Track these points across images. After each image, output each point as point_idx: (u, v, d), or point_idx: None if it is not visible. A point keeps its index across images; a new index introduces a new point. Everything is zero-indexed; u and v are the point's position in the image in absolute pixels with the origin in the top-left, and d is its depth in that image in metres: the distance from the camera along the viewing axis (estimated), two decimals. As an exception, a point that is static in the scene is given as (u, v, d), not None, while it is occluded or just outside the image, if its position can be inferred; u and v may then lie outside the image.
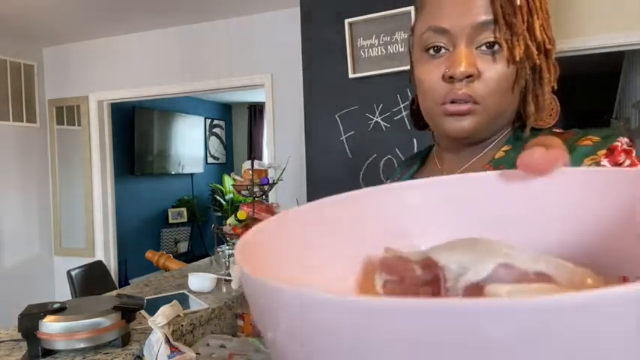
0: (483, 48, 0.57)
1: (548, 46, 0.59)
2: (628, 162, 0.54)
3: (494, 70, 0.57)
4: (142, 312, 1.25)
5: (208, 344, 1.24)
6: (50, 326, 1.00)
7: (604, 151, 0.54)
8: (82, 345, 1.02)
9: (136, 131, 5.48)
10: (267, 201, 2.37)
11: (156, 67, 3.68)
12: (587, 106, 6.06)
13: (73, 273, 2.74)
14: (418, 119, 0.71)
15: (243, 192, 2.11)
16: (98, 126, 3.90)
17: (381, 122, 2.41)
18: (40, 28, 3.54)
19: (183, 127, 6.31)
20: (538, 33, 0.57)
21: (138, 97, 3.86)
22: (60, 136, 4.05)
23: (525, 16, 0.56)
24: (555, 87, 0.63)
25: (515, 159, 0.53)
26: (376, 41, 2.40)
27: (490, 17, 0.56)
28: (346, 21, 2.41)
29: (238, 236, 2.00)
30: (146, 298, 1.31)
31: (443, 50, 0.59)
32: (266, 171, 2.13)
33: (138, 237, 5.47)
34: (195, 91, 3.74)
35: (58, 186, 4.07)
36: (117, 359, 1.02)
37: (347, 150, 2.47)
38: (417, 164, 0.75)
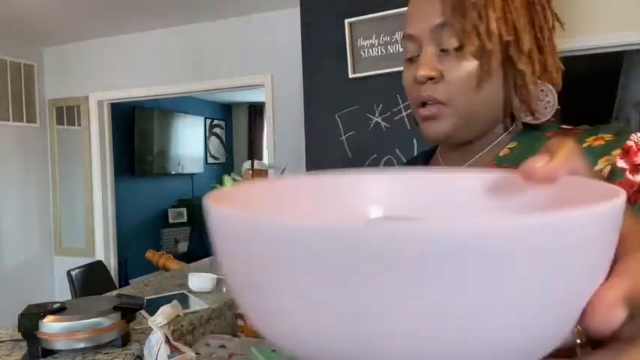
0: (449, 49, 0.57)
1: (508, 38, 0.56)
2: None
3: (458, 70, 0.57)
4: (142, 312, 1.25)
5: (208, 344, 1.24)
6: (50, 326, 1.00)
7: (619, 151, 0.53)
8: (82, 345, 1.02)
9: (136, 131, 5.48)
10: (267, 201, 2.37)
11: (156, 67, 3.68)
12: (587, 106, 6.06)
13: (73, 273, 2.75)
14: None
15: (243, 192, 2.10)
16: (98, 126, 3.90)
17: (381, 122, 2.41)
18: (40, 28, 3.54)
19: (183, 127, 6.31)
20: (494, 26, 0.55)
21: (138, 97, 3.86)
22: (60, 136, 4.05)
23: (482, 11, 0.56)
24: (540, 80, 0.61)
25: (519, 156, 0.54)
26: (376, 41, 2.40)
27: (443, 19, 0.57)
28: (346, 21, 2.41)
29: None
30: (146, 298, 1.31)
31: (416, 55, 0.60)
32: (266, 171, 2.13)
33: (138, 237, 5.46)
34: (195, 91, 3.74)
35: (58, 186, 4.07)
36: (117, 359, 1.02)
37: (347, 150, 2.47)
38: (421, 164, 0.74)
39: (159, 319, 1.06)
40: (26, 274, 3.89)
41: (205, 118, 6.87)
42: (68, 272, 2.74)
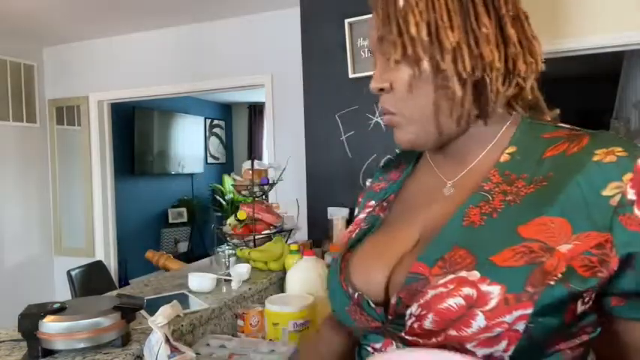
0: (391, 60, 0.57)
1: (424, 38, 0.54)
2: None
3: (399, 80, 0.57)
4: (142, 312, 1.25)
5: (208, 344, 1.24)
6: (50, 326, 1.00)
7: (630, 175, 0.49)
8: (82, 345, 1.02)
9: (136, 131, 5.48)
10: (267, 201, 2.37)
11: (156, 67, 3.68)
12: (587, 106, 6.06)
13: (73, 273, 2.75)
14: None
15: (243, 192, 2.11)
16: (98, 126, 3.90)
17: (381, 122, 2.40)
18: (40, 28, 3.54)
19: (183, 127, 6.31)
20: (413, 30, 0.54)
21: (138, 97, 3.86)
22: (60, 136, 4.05)
23: (403, 18, 0.55)
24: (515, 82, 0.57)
25: (521, 164, 0.55)
26: (376, 41, 2.40)
27: (379, 32, 0.57)
28: (346, 21, 2.41)
29: (238, 236, 2.00)
30: (146, 298, 1.31)
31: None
32: (266, 171, 2.13)
33: (138, 237, 5.47)
34: (195, 91, 3.74)
35: (58, 186, 4.07)
36: (117, 359, 1.02)
37: (347, 150, 2.47)
38: (409, 167, 0.71)
39: (159, 319, 1.06)
40: (26, 274, 3.89)
41: (205, 118, 6.87)
42: (68, 272, 2.74)
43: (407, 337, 0.53)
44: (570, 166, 0.52)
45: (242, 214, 2.00)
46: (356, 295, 0.59)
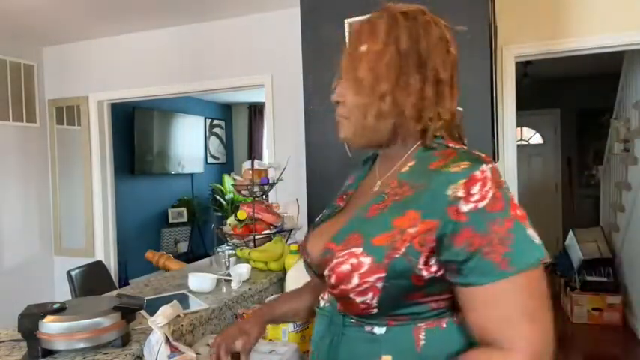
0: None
1: (365, 83, 0.78)
2: (478, 195, 0.68)
3: (350, 98, 0.81)
4: (142, 312, 1.25)
5: (208, 344, 1.24)
6: (50, 326, 1.00)
7: (464, 180, 0.69)
8: (82, 345, 1.02)
9: (135, 131, 5.48)
10: (267, 201, 2.37)
11: (156, 67, 3.68)
12: (587, 106, 6.06)
13: (73, 273, 2.74)
14: None
15: (243, 192, 2.11)
16: (98, 126, 3.90)
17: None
18: (40, 28, 3.54)
19: (183, 127, 6.31)
20: (362, 73, 0.78)
21: (138, 97, 3.86)
22: (60, 136, 4.05)
23: (357, 63, 0.79)
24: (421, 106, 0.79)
25: (414, 173, 0.78)
26: (376, 41, 2.40)
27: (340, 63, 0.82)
28: (346, 21, 2.41)
29: (238, 236, 2.00)
30: (146, 298, 1.31)
31: None
32: (266, 171, 2.13)
33: (138, 237, 5.47)
34: (195, 91, 3.73)
35: (58, 186, 4.07)
36: (117, 359, 1.02)
37: (347, 150, 2.47)
38: (367, 167, 0.95)
39: (159, 319, 1.06)
40: (26, 274, 3.89)
41: (205, 118, 6.87)
42: (68, 272, 2.74)
43: (329, 289, 0.79)
44: (434, 176, 0.73)
45: (242, 214, 2.00)
46: (308, 260, 0.88)
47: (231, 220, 2.07)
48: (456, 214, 0.68)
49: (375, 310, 0.74)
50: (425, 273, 0.71)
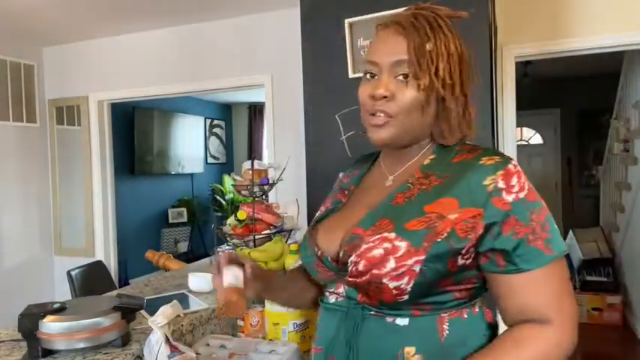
0: (400, 78, 0.79)
1: (449, 82, 0.79)
2: (518, 186, 0.74)
3: (404, 95, 0.78)
4: (142, 312, 1.25)
5: (208, 344, 1.24)
6: (50, 326, 1.00)
7: (501, 172, 0.75)
8: (82, 345, 1.02)
9: (135, 131, 5.48)
10: (267, 201, 2.37)
11: (156, 67, 3.67)
12: (587, 106, 6.05)
13: (73, 273, 2.74)
14: None
15: (243, 192, 2.11)
16: (98, 126, 3.90)
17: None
18: (40, 28, 3.54)
19: (183, 127, 6.31)
20: (441, 72, 0.78)
21: (138, 97, 3.86)
22: (60, 136, 4.05)
23: (433, 58, 0.77)
24: (466, 113, 0.84)
25: (437, 164, 0.82)
26: (376, 41, 2.40)
27: (404, 57, 0.78)
28: (346, 21, 2.41)
29: (238, 236, 2.00)
30: (146, 298, 1.31)
31: (376, 77, 0.81)
32: (266, 171, 2.13)
33: (138, 237, 5.46)
34: (195, 91, 3.73)
35: (58, 186, 4.07)
36: (117, 359, 1.02)
37: (347, 150, 2.47)
38: (368, 166, 0.97)
39: (159, 319, 1.06)
40: (26, 274, 3.89)
41: (205, 118, 6.87)
42: (68, 272, 2.73)
43: (349, 278, 0.78)
44: (465, 168, 0.78)
45: (242, 214, 2.00)
46: (319, 253, 0.86)
47: (231, 220, 2.07)
48: (502, 203, 0.72)
49: (406, 297, 0.74)
50: (460, 260, 0.74)
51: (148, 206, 5.89)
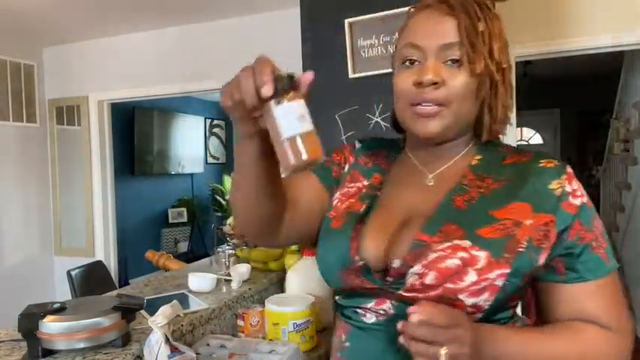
0: (449, 63, 0.70)
1: (504, 66, 0.73)
2: (580, 191, 0.70)
3: (456, 80, 0.70)
4: (142, 312, 1.25)
5: (208, 344, 1.24)
6: (50, 326, 1.00)
7: (565, 176, 0.70)
8: (82, 345, 1.02)
9: (135, 131, 5.48)
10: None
11: (156, 67, 3.67)
12: (587, 106, 6.05)
13: (73, 273, 2.74)
14: (397, 122, 0.83)
15: (243, 192, 2.10)
16: (98, 126, 3.90)
17: (381, 122, 2.41)
18: (40, 28, 3.54)
19: (183, 127, 6.31)
20: (496, 54, 0.71)
21: (138, 97, 3.86)
22: (60, 136, 4.05)
23: (486, 40, 0.70)
24: (511, 104, 0.77)
25: (487, 166, 0.75)
26: (376, 41, 2.40)
27: (454, 40, 0.70)
28: (346, 21, 2.41)
29: (238, 236, 2.00)
30: (146, 298, 1.31)
31: (416, 63, 0.73)
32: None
33: (138, 237, 5.46)
34: (195, 91, 3.73)
35: (58, 186, 4.07)
36: (117, 359, 1.02)
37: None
38: (394, 156, 0.85)
39: (159, 319, 1.06)
40: (26, 274, 3.89)
41: (205, 118, 6.87)
42: (68, 272, 2.74)
43: (405, 293, 0.68)
44: (524, 171, 0.72)
45: (242, 214, 1.99)
46: (360, 262, 0.71)
47: (231, 220, 2.07)
48: (570, 207, 0.68)
49: (480, 315, 0.66)
50: (533, 273, 0.68)
51: (148, 206, 5.89)
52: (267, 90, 0.57)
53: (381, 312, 0.71)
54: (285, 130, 0.58)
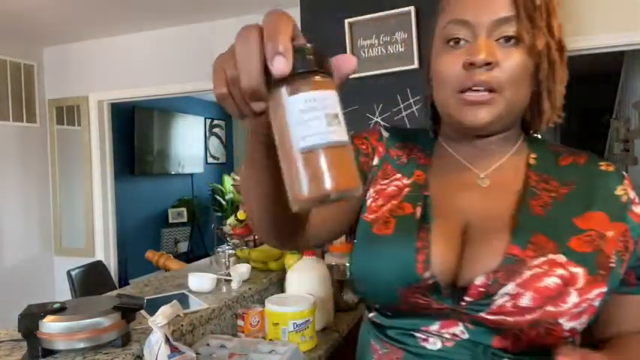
0: (501, 41, 0.60)
1: (564, 44, 0.64)
2: (637, 198, 0.64)
3: (512, 60, 0.60)
4: (142, 312, 1.25)
5: (208, 344, 1.24)
6: (50, 326, 1.00)
7: (626, 181, 0.65)
8: (82, 345, 1.02)
9: (136, 131, 5.48)
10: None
11: (156, 67, 3.67)
12: (587, 106, 6.06)
13: (73, 273, 2.74)
14: (435, 114, 0.72)
15: (243, 192, 2.10)
16: (98, 126, 3.90)
17: (381, 122, 2.41)
18: (40, 28, 3.54)
19: (183, 127, 6.31)
20: (556, 30, 0.62)
21: (138, 97, 3.86)
22: (60, 136, 4.05)
23: (544, 14, 0.61)
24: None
25: (544, 167, 0.66)
26: (376, 41, 2.40)
27: (510, 13, 0.60)
28: (346, 21, 2.41)
29: (238, 236, 2.00)
30: (146, 298, 1.31)
31: (463, 42, 0.62)
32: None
33: (138, 237, 5.46)
34: (195, 91, 3.73)
35: (58, 186, 4.07)
36: (117, 359, 1.02)
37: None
38: (432, 150, 0.73)
39: (159, 319, 1.06)
40: (26, 274, 3.89)
41: (205, 118, 6.87)
42: (68, 272, 2.74)
43: (489, 316, 0.57)
44: (587, 173, 0.65)
45: (242, 214, 2.00)
46: (431, 280, 0.59)
47: (231, 220, 2.07)
48: (636, 216, 0.62)
49: (570, 339, 0.60)
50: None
51: (148, 206, 5.89)
52: (280, 65, 0.36)
53: (449, 336, 0.60)
54: (300, 138, 0.35)
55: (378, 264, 0.63)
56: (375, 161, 0.73)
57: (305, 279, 1.52)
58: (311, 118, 0.36)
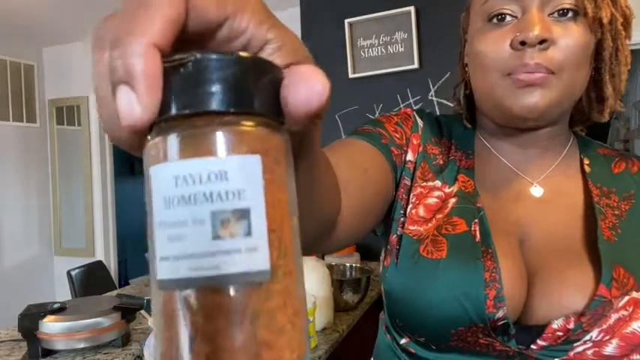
0: (555, 15, 0.51)
1: (630, 15, 0.53)
2: None
3: (571, 37, 0.50)
4: (142, 312, 1.25)
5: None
6: (50, 326, 1.00)
7: None
8: (82, 345, 1.02)
9: (136, 131, 5.48)
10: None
11: (156, 67, 3.67)
12: (587, 106, 6.07)
13: (73, 273, 2.74)
14: (472, 107, 0.63)
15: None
16: (98, 126, 3.90)
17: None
18: (40, 28, 3.54)
19: (183, 127, 6.31)
20: (621, 3, 0.52)
21: (138, 97, 3.85)
22: (60, 136, 4.05)
23: None
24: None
25: (602, 175, 0.57)
26: (376, 41, 2.40)
27: None
28: (346, 21, 2.41)
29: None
30: (146, 298, 1.31)
31: (509, 18, 0.52)
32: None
33: (138, 237, 5.46)
34: (195, 91, 3.73)
35: (58, 186, 4.07)
36: (117, 359, 1.02)
37: (347, 150, 2.47)
38: (472, 148, 0.62)
39: (159, 319, 1.06)
40: (26, 274, 3.89)
41: (205, 118, 6.87)
42: (68, 272, 2.73)
43: None
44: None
45: (242, 214, 2.00)
46: (503, 320, 0.49)
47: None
48: None
49: None
50: None
51: (148, 206, 5.89)
52: (124, 108, 0.20)
53: None
54: (159, 255, 0.19)
55: (430, 296, 0.51)
56: (410, 156, 0.60)
57: (305, 279, 1.52)
58: (181, 220, 0.19)
